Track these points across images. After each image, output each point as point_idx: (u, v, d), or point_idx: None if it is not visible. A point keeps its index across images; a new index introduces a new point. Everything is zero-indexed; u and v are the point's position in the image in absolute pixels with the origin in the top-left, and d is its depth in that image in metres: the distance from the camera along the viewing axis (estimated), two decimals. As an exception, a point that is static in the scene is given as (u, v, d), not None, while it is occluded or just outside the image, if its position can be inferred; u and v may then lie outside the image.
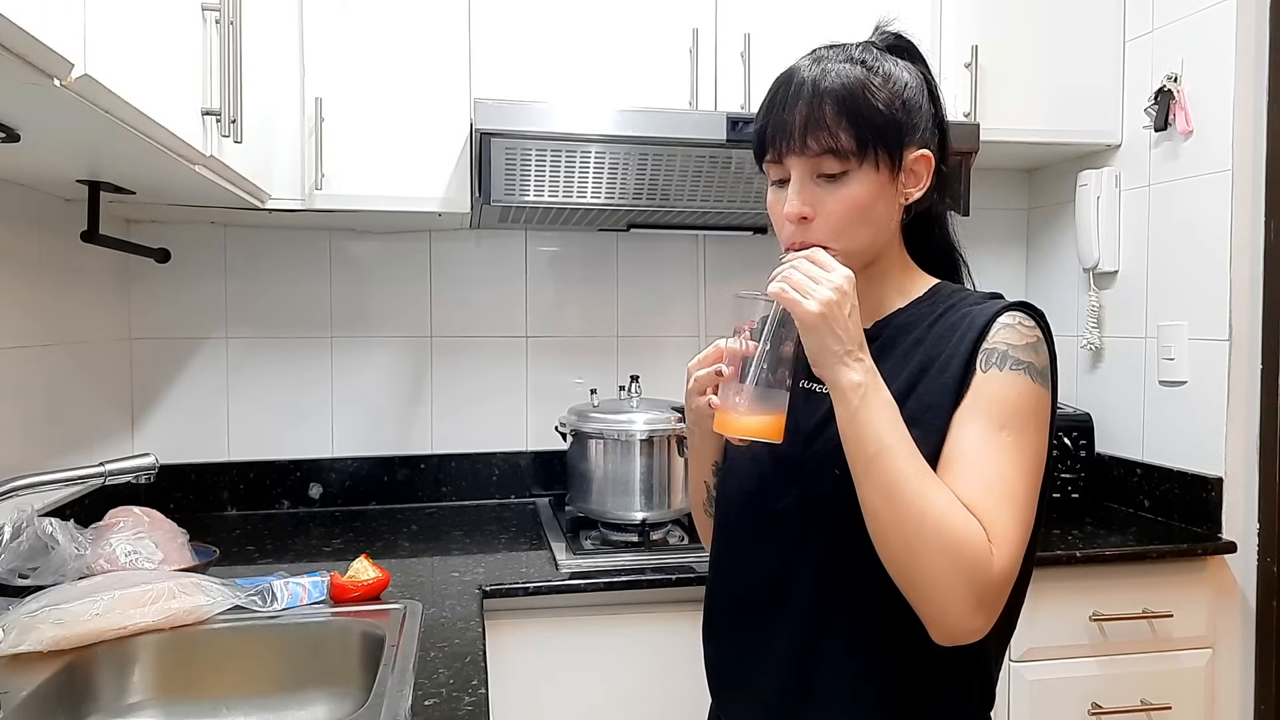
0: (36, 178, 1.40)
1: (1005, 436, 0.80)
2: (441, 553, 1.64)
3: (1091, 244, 1.99)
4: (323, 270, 2.02)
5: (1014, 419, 0.81)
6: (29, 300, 1.49)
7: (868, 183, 0.86)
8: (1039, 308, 0.87)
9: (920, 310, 0.92)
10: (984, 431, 0.81)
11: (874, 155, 0.86)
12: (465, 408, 2.08)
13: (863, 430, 0.78)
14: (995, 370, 0.83)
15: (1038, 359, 0.84)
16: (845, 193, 0.86)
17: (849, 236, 0.87)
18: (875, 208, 0.87)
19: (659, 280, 2.16)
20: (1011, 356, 0.83)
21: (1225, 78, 1.73)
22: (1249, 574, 1.75)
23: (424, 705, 0.99)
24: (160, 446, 1.89)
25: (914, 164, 0.89)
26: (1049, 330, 0.87)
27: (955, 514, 0.76)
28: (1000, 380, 0.82)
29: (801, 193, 0.87)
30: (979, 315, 0.86)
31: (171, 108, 1.06)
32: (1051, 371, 0.86)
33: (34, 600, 1.10)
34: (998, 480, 0.79)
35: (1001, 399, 0.82)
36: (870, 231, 0.88)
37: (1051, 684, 1.64)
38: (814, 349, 0.79)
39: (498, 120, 1.56)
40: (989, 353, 0.83)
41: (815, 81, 0.86)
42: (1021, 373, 0.82)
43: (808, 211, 0.87)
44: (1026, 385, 0.82)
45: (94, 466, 1.17)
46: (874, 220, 0.88)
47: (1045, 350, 0.85)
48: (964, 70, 1.86)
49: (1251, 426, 1.74)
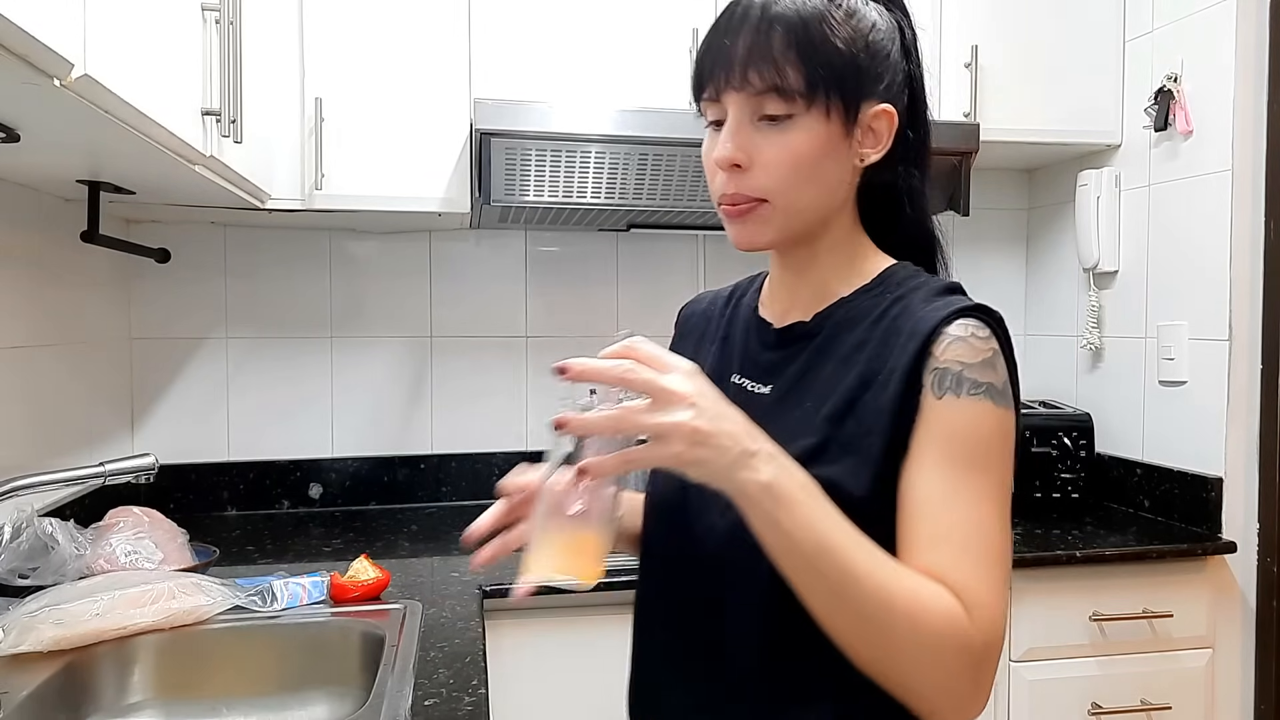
0: (36, 178, 1.40)
1: (975, 479, 0.68)
2: (441, 553, 1.64)
3: (1091, 244, 1.99)
4: (322, 270, 2.02)
5: (982, 456, 0.69)
6: (29, 300, 1.49)
7: (815, 132, 0.73)
8: (994, 310, 0.74)
9: (865, 302, 0.78)
10: (950, 475, 0.68)
11: (825, 100, 0.72)
12: (465, 408, 2.08)
13: (789, 535, 0.62)
14: (951, 397, 0.69)
15: (997, 377, 0.71)
16: (788, 139, 0.73)
17: (789, 193, 0.74)
18: (823, 164, 0.74)
19: (659, 280, 2.15)
20: (968, 379, 0.69)
21: (1225, 78, 1.73)
22: (1249, 574, 1.75)
23: (424, 705, 0.99)
24: (160, 446, 1.89)
25: (873, 120, 0.75)
26: (1006, 337, 0.74)
27: (923, 597, 0.64)
28: (960, 410, 0.69)
29: (736, 134, 0.74)
30: (924, 320, 0.72)
31: (171, 108, 1.06)
32: (1013, 385, 0.73)
33: (34, 600, 1.10)
34: (975, 536, 0.68)
35: (965, 434, 0.69)
36: (815, 192, 0.75)
37: (1051, 684, 1.64)
38: (695, 473, 0.63)
39: (498, 120, 1.56)
40: (940, 374, 0.70)
41: (766, 6, 0.73)
42: (982, 397, 0.69)
43: (741, 158, 0.74)
44: (990, 413, 0.69)
45: (94, 466, 1.17)
46: (820, 178, 0.75)
47: (1004, 363, 0.72)
48: (964, 70, 1.86)
49: (1251, 426, 1.74)
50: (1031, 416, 1.97)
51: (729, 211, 0.77)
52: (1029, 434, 1.94)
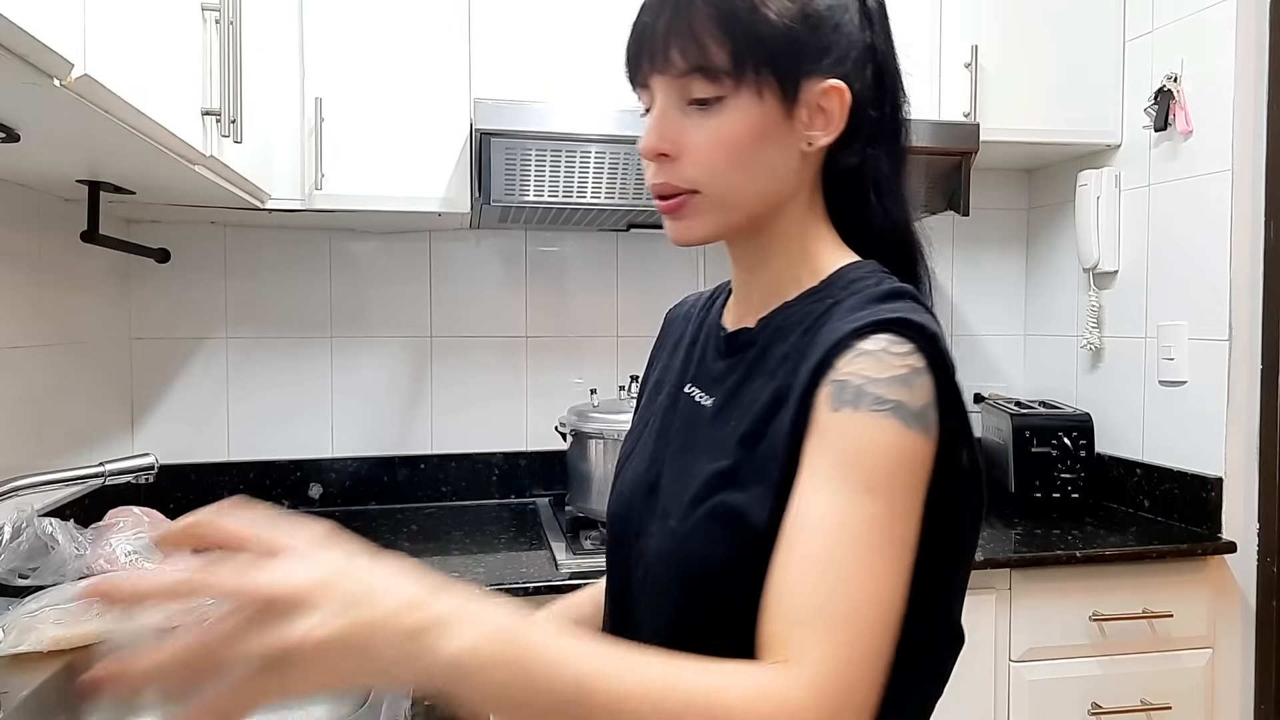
0: (36, 178, 1.40)
1: (871, 505, 0.57)
2: (441, 553, 1.64)
3: (1091, 244, 1.99)
4: (322, 270, 2.02)
5: (881, 481, 0.57)
6: (29, 300, 1.49)
7: (747, 114, 0.66)
8: (928, 325, 0.62)
9: (806, 307, 0.69)
10: (839, 497, 0.57)
11: (755, 78, 0.65)
12: (465, 408, 2.08)
13: (513, 693, 0.47)
14: (849, 410, 0.59)
15: (911, 396, 0.59)
16: (716, 124, 0.66)
17: (721, 182, 0.67)
18: (759, 149, 0.67)
19: (659, 280, 2.15)
20: (870, 393, 0.59)
21: (1225, 78, 1.73)
22: (1249, 574, 1.75)
23: (424, 705, 0.99)
24: (160, 446, 1.89)
25: (820, 98, 0.67)
26: (938, 356, 0.61)
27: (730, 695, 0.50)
28: (857, 425, 0.58)
29: (662, 121, 0.68)
30: (834, 331, 0.63)
31: (171, 108, 1.06)
32: (948, 412, 0.61)
33: (34, 600, 1.10)
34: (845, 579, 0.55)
35: (859, 452, 0.58)
36: (753, 180, 0.68)
37: (1051, 684, 1.64)
38: (360, 684, 0.51)
39: (497, 120, 1.56)
40: (839, 386, 0.60)
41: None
42: (887, 415, 0.58)
43: (666, 146, 0.67)
44: (895, 432, 0.58)
45: (94, 466, 1.17)
46: (758, 165, 0.67)
47: (926, 384, 0.60)
48: (964, 70, 1.86)
49: (1251, 426, 1.74)
50: (1031, 416, 1.97)
51: (661, 206, 0.70)
52: (1029, 434, 1.94)
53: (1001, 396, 2.16)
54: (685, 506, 0.68)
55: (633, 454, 0.80)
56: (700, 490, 0.67)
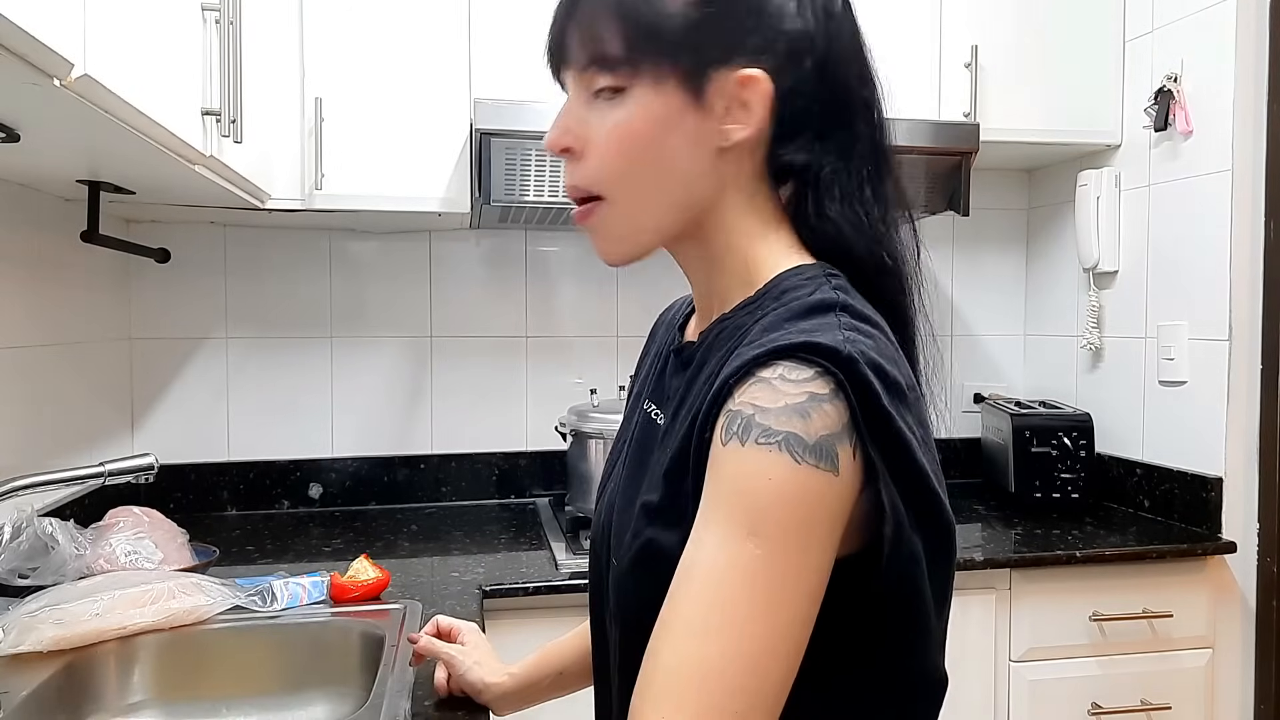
0: (36, 178, 1.40)
1: (753, 549, 0.51)
2: (441, 553, 1.64)
3: (1091, 244, 1.99)
4: (322, 270, 2.02)
5: (769, 521, 0.52)
6: (29, 300, 1.49)
7: (647, 105, 0.61)
8: (842, 348, 0.54)
9: (738, 320, 0.63)
10: (719, 544, 0.53)
11: (653, 67, 0.61)
12: (465, 408, 2.08)
13: None
14: (736, 444, 0.53)
15: (806, 428, 0.52)
16: (615, 115, 0.62)
17: (623, 183, 0.63)
18: (661, 143, 0.62)
19: (659, 281, 2.14)
20: (759, 425, 0.53)
21: (1225, 78, 1.73)
22: (1249, 574, 1.75)
23: (424, 705, 0.99)
24: (160, 446, 1.89)
25: (735, 88, 0.61)
26: (858, 379, 0.53)
27: None
28: (741, 461, 0.53)
29: (565, 115, 0.64)
30: (739, 355, 0.57)
31: (171, 108, 1.06)
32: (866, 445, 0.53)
33: (34, 600, 1.10)
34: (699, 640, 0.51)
35: (743, 489, 0.53)
36: (659, 180, 0.63)
37: (1051, 684, 1.64)
38: None
39: (497, 120, 1.56)
40: (731, 417, 0.55)
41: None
42: (774, 449, 0.52)
43: (569, 140, 0.64)
44: (782, 467, 0.52)
45: (94, 466, 1.17)
46: (664, 163, 0.62)
47: (830, 411, 0.53)
48: (964, 70, 1.86)
49: (1251, 426, 1.74)
50: (1031, 416, 1.97)
51: (576, 216, 0.66)
52: (1029, 434, 1.94)
53: (1001, 396, 2.16)
54: (626, 545, 0.63)
55: (612, 474, 0.76)
56: (635, 525, 0.63)
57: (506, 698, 0.97)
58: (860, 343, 0.55)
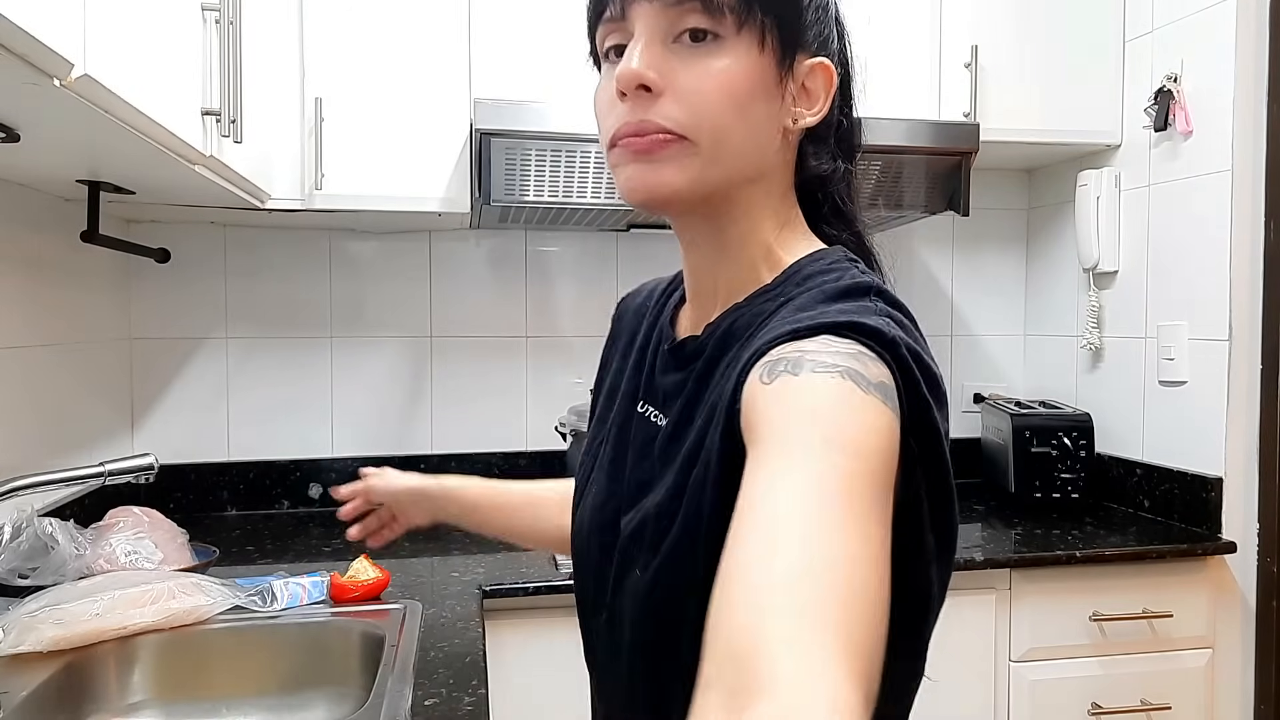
0: (36, 178, 1.40)
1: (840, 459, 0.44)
2: (441, 553, 1.64)
3: (1091, 244, 1.99)
4: (322, 270, 2.02)
5: (847, 436, 0.45)
6: (28, 300, 1.49)
7: (747, 62, 0.58)
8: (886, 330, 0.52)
9: (756, 308, 0.61)
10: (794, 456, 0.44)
11: (760, 26, 0.58)
12: (465, 408, 2.08)
13: None
14: (787, 377, 0.48)
15: (869, 370, 0.49)
16: (715, 65, 0.57)
17: (715, 130, 0.58)
18: (754, 104, 0.59)
19: (659, 280, 2.15)
20: (811, 360, 0.49)
21: (1225, 78, 1.73)
22: (1249, 574, 1.75)
23: (424, 705, 0.99)
24: (160, 446, 1.89)
25: (809, 76, 0.61)
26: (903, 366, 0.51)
27: None
28: (800, 387, 0.48)
29: (647, 50, 0.58)
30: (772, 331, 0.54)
31: (171, 108, 1.06)
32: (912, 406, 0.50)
33: (34, 600, 1.10)
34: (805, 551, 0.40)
35: (812, 407, 0.46)
36: (744, 139, 0.59)
37: (1051, 684, 1.64)
38: None
39: (497, 120, 1.56)
40: (772, 364, 0.50)
41: None
42: (835, 376, 0.47)
43: (652, 78, 0.57)
44: (852, 392, 0.47)
45: (94, 466, 1.17)
46: (750, 123, 0.59)
47: (883, 369, 0.50)
48: (964, 70, 1.86)
49: (1251, 426, 1.74)
50: (1031, 416, 1.97)
51: (633, 145, 0.59)
52: (1029, 434, 1.94)
53: (1001, 396, 2.16)
54: (646, 551, 0.60)
55: (590, 479, 0.73)
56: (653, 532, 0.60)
57: (448, 492, 1.06)
58: (898, 329, 0.53)
